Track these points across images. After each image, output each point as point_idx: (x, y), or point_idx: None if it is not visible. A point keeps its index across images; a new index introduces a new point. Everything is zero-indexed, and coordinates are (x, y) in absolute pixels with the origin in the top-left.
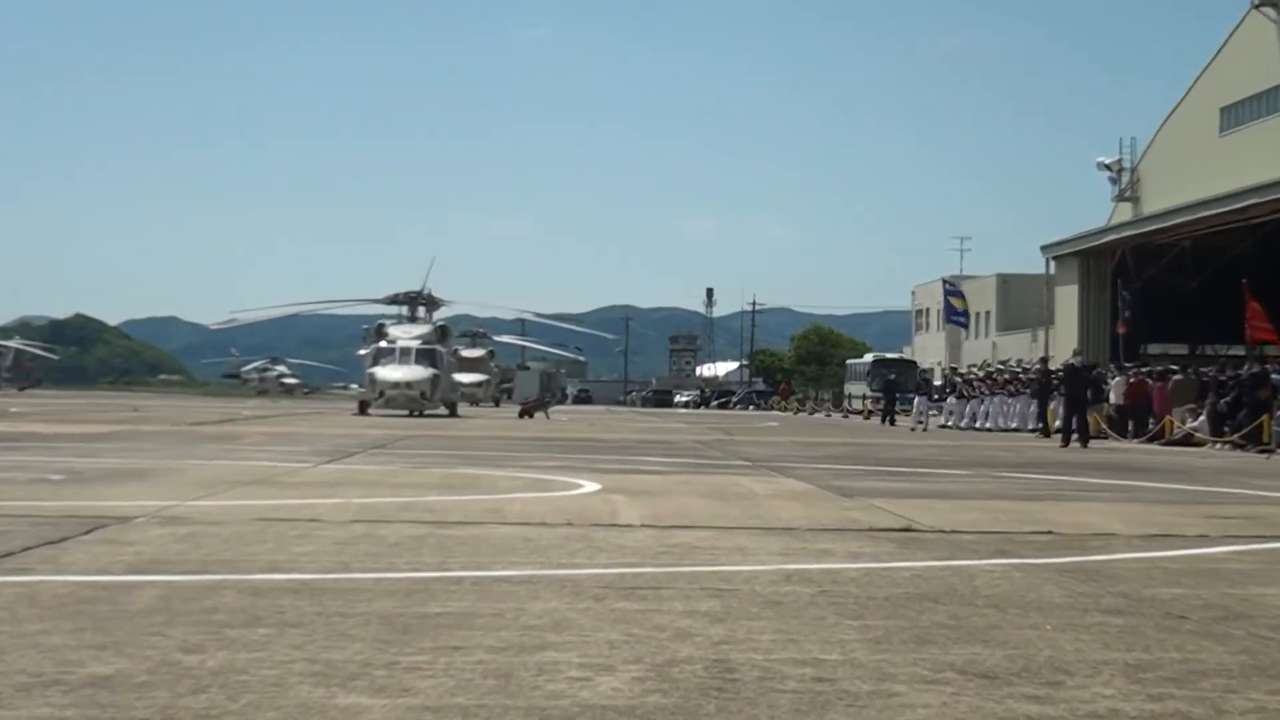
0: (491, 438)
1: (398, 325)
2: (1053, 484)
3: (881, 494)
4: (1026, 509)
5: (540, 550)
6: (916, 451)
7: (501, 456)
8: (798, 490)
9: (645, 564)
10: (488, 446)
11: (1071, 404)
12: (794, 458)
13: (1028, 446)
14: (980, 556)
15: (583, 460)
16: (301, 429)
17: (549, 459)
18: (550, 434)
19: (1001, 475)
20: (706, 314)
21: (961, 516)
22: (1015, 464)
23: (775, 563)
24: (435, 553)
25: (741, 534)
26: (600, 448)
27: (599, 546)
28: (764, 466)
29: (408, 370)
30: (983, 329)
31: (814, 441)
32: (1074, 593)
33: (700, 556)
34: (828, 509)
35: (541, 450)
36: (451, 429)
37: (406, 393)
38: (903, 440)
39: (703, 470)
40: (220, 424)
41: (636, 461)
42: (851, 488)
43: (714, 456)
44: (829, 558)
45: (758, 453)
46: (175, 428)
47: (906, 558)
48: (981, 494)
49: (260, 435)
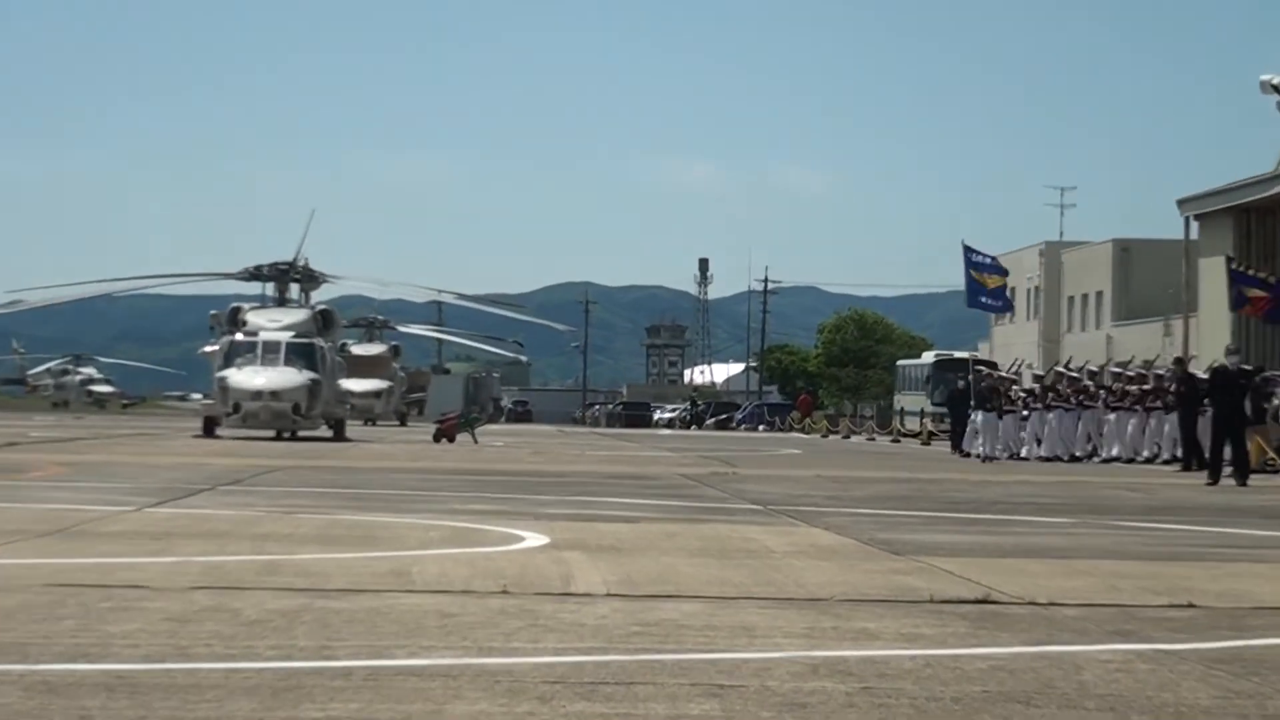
0: (395, 470)
1: (260, 310)
2: (1195, 537)
3: (947, 550)
4: (1157, 573)
5: (463, 630)
6: (998, 489)
7: (409, 497)
8: (828, 545)
9: (613, 650)
10: (389, 482)
11: (1223, 423)
12: (822, 499)
13: (1159, 483)
14: (1090, 640)
15: (524, 503)
16: (120, 457)
17: (477, 501)
18: (479, 465)
19: (1121, 524)
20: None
21: (1063, 583)
22: (1141, 508)
23: (797, 648)
24: (313, 633)
25: (749, 607)
26: (549, 485)
27: (547, 625)
28: (780, 512)
29: (274, 374)
30: (1092, 317)
31: (851, 476)
32: (1227, 691)
33: (691, 639)
34: (871, 572)
35: (466, 488)
36: (338, 457)
37: (272, 406)
38: (978, 474)
39: (694, 517)
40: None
41: (600, 504)
42: (904, 542)
43: (710, 497)
44: (873, 641)
45: (772, 492)
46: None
47: (984, 641)
48: (1092, 551)
49: (58, 467)
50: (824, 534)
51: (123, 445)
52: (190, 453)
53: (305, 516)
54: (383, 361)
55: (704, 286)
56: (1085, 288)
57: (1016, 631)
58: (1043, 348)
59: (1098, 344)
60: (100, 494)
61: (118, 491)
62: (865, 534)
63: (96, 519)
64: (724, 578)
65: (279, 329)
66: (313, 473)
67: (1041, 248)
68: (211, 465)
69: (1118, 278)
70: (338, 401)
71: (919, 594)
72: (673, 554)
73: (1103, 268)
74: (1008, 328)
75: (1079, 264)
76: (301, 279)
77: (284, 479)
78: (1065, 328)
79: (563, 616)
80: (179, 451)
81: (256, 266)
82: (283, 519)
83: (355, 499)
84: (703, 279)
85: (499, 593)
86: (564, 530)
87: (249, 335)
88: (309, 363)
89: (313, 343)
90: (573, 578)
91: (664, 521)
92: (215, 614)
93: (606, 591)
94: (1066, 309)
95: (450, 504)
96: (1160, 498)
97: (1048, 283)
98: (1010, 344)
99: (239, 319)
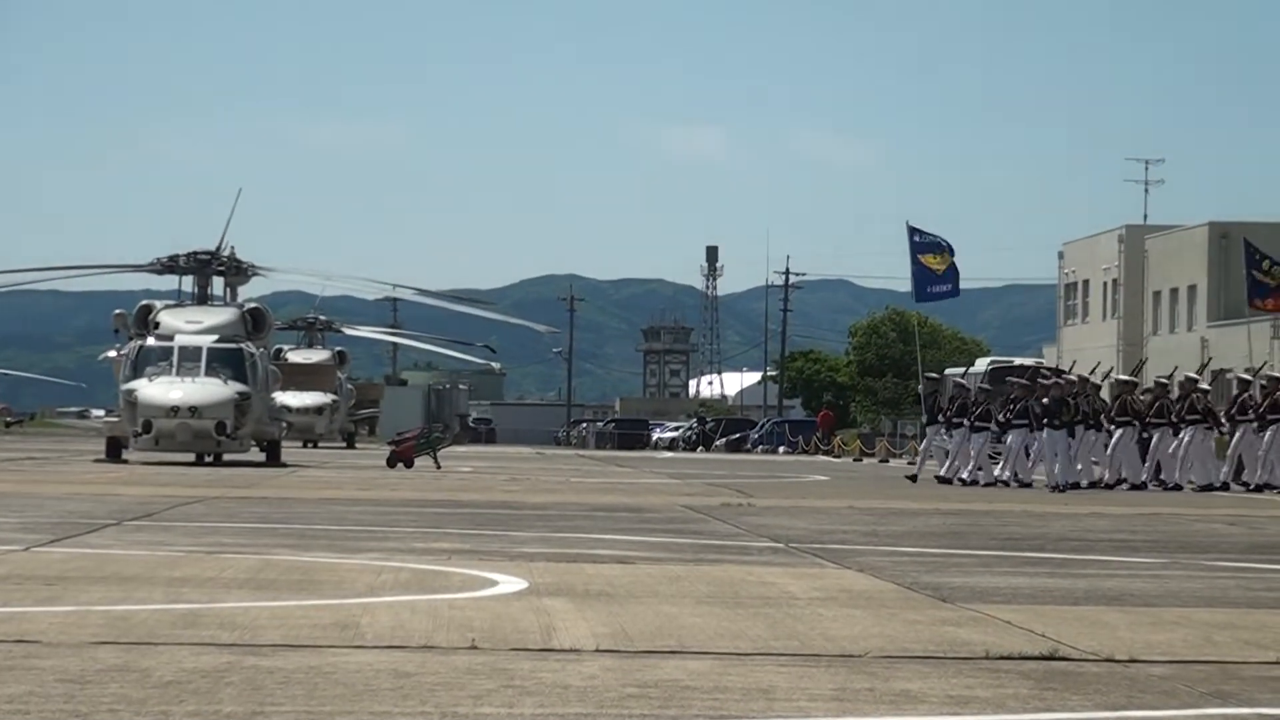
0: (341, 501)
1: (176, 309)
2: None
3: (1006, 596)
4: (1263, 623)
5: (422, 693)
6: (1066, 523)
7: (358, 533)
8: (862, 590)
9: (603, 716)
10: (334, 516)
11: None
12: (855, 536)
13: (1264, 516)
14: (1181, 703)
15: (497, 540)
16: (2, 486)
17: (439, 538)
18: (442, 495)
19: (1218, 564)
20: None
21: (1147, 636)
22: (1243, 547)
23: (824, 714)
24: (241, 698)
25: (767, 665)
26: (527, 518)
27: (524, 686)
28: (805, 550)
29: (193, 387)
30: (1183, 315)
31: (889, 508)
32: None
33: (697, 703)
34: (914, 622)
35: (427, 522)
36: (271, 486)
37: (191, 424)
38: (1045, 506)
39: (701, 557)
40: None
41: (588, 542)
42: (954, 586)
43: (720, 533)
44: (916, 706)
45: (794, 527)
46: None
47: (1051, 705)
48: (1182, 598)
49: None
50: (857, 577)
51: (6, 472)
52: (91, 480)
53: (232, 557)
54: (325, 371)
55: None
56: (1175, 281)
57: (1090, 694)
58: (1122, 352)
59: (1189, 348)
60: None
61: (0, 528)
62: (906, 577)
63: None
64: (737, 630)
65: (199, 332)
66: (241, 504)
67: (1121, 233)
68: (117, 496)
69: (1215, 268)
70: (271, 419)
71: (972, 649)
72: (675, 601)
73: (1197, 257)
74: (1079, 329)
75: (1167, 252)
76: (226, 271)
77: (206, 512)
78: (1150, 329)
79: (543, 676)
80: (77, 479)
81: (171, 256)
82: (204, 560)
83: (293, 536)
84: (711, 271)
85: (466, 648)
86: (544, 573)
87: (163, 339)
88: (236, 373)
89: (240, 348)
90: (555, 630)
91: (665, 562)
92: (122, 674)
93: (596, 646)
94: (1151, 306)
95: (408, 541)
96: (1267, 534)
97: (1128, 275)
98: (1082, 348)
99: (150, 320)
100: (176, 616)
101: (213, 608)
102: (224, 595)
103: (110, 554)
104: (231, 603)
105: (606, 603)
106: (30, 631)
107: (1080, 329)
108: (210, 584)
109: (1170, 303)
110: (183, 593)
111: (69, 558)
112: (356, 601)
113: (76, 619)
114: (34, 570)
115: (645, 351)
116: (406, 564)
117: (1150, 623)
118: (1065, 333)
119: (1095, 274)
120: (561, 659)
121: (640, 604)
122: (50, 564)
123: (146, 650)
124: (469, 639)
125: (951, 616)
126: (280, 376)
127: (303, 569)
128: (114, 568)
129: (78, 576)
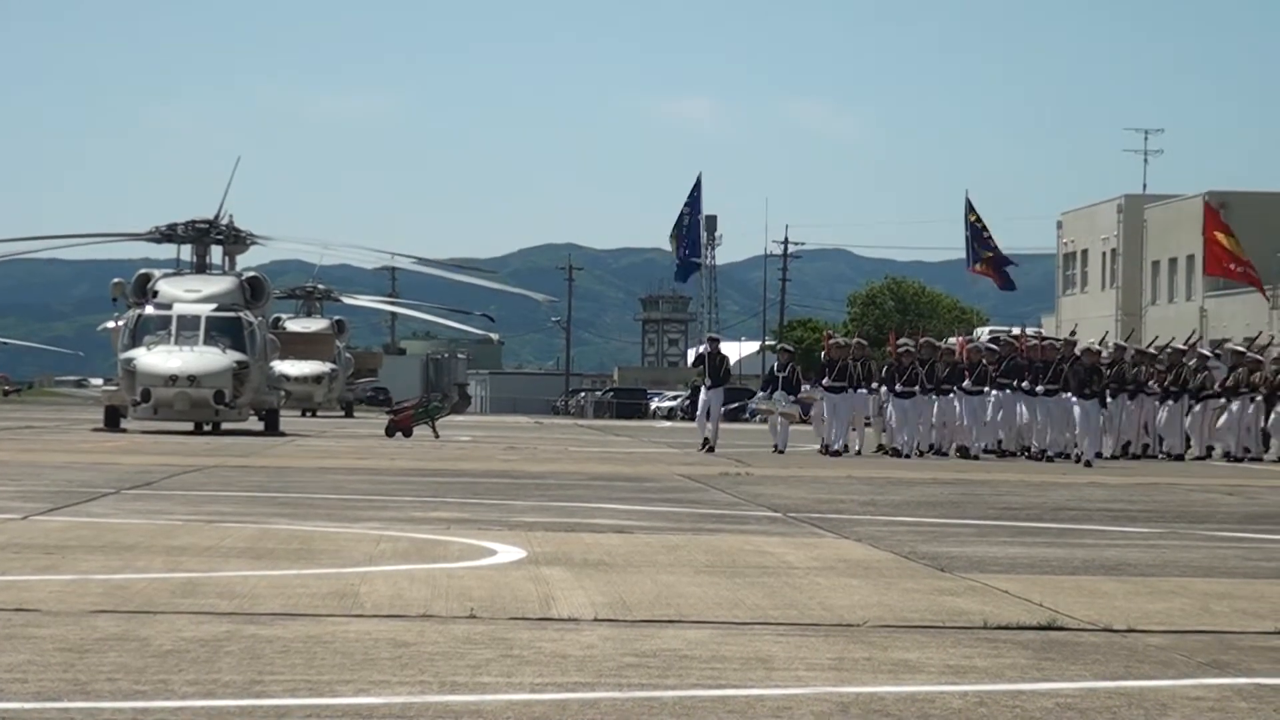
0: (339, 470)
1: (174, 278)
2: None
3: (1005, 566)
4: (1260, 593)
5: (421, 662)
6: (1065, 493)
7: (356, 502)
8: (860, 559)
9: (601, 686)
10: (333, 485)
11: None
12: (854, 505)
13: (1262, 485)
14: (1178, 673)
15: (495, 509)
16: (1, 454)
17: (438, 507)
18: (441, 464)
19: (1216, 534)
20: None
21: (1145, 605)
22: (1240, 516)
23: (822, 683)
24: (239, 666)
25: (765, 634)
26: (525, 487)
27: (522, 656)
28: (803, 520)
29: (192, 356)
30: (1181, 285)
31: (887, 477)
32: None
33: (695, 673)
34: (912, 591)
35: (426, 491)
36: (270, 455)
37: (190, 393)
38: (1043, 475)
39: (699, 526)
40: None
41: (586, 511)
42: (952, 556)
43: (718, 502)
44: (914, 675)
45: (793, 496)
46: None
47: (1049, 675)
48: (1180, 567)
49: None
50: (855, 546)
51: (5, 441)
52: (90, 449)
53: (230, 526)
54: (324, 340)
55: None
56: (1173, 251)
57: (1088, 663)
58: (1121, 321)
59: (1187, 317)
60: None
61: (0, 496)
62: (905, 546)
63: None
64: (735, 599)
65: (197, 300)
66: (239, 473)
67: (1120, 203)
68: (116, 464)
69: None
70: (270, 388)
71: (970, 618)
72: (673, 570)
73: (1195, 227)
74: (1078, 298)
75: (1165, 222)
76: (225, 240)
77: (204, 481)
78: (1148, 298)
79: (542, 646)
80: (75, 448)
81: (170, 225)
82: (203, 529)
83: (291, 505)
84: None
85: (465, 617)
86: (543, 542)
87: (161, 308)
88: (234, 341)
89: (239, 317)
90: (554, 599)
91: (663, 532)
92: (121, 643)
93: (594, 616)
94: (1150, 276)
95: (407, 511)
96: (1264, 502)
97: (1127, 245)
98: (1081, 317)
99: (149, 289)
100: (175, 585)
101: (211, 576)
102: (223, 564)
103: (109, 523)
104: (230, 572)
105: (605, 572)
106: (29, 600)
107: (1079, 299)
108: (209, 553)
109: (1169, 272)
110: (181, 561)
111: (68, 526)
112: (355, 571)
113: (75, 588)
114: (33, 539)
115: (643, 320)
116: (405, 533)
117: (1148, 592)
118: (1064, 302)
119: (1094, 244)
120: (560, 628)
121: (638, 573)
122: (49, 532)
123: (145, 619)
124: (468, 608)
125: (950, 586)
126: (279, 345)
127: (301, 538)
128: (113, 536)
129: (76, 545)
